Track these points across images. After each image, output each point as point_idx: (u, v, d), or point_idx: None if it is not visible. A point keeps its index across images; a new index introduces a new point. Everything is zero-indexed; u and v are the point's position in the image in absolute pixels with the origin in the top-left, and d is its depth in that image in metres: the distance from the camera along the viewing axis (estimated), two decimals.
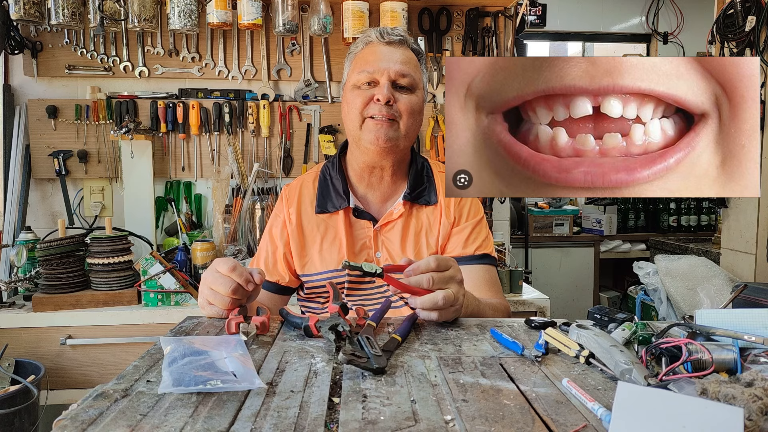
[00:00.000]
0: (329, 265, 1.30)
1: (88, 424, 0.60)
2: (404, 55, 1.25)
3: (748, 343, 0.81)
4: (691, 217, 4.38)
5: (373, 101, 1.21)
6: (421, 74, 1.28)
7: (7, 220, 2.43)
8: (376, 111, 1.20)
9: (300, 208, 1.34)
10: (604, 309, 0.96)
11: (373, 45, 1.26)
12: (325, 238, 1.31)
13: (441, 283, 0.94)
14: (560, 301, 4.06)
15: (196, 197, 2.69)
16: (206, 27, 2.54)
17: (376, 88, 1.22)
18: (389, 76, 1.21)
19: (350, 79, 1.27)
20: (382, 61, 1.22)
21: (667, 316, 2.63)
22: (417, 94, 1.25)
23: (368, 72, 1.22)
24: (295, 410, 0.64)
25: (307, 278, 1.33)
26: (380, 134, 1.20)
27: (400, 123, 1.22)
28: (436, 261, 0.94)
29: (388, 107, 1.20)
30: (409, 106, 1.22)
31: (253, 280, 1.01)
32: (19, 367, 2.00)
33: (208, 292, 1.01)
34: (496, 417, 0.62)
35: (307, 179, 1.39)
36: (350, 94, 1.25)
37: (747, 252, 2.64)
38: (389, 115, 1.20)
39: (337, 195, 1.31)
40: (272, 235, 1.35)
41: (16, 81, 2.57)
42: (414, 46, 1.29)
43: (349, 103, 1.25)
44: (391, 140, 1.21)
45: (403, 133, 1.23)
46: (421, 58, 1.30)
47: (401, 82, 1.22)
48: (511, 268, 2.41)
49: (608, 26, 4.82)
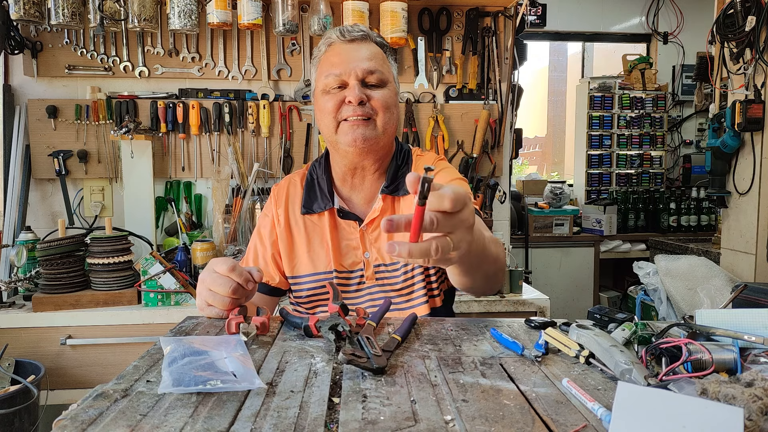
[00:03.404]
0: (318, 267, 1.27)
1: (88, 424, 0.60)
2: (369, 51, 1.21)
3: (748, 343, 0.81)
4: (691, 217, 4.38)
5: (345, 104, 1.17)
6: (390, 66, 1.24)
7: (7, 220, 2.43)
8: (350, 112, 1.16)
9: (288, 209, 1.31)
10: (604, 309, 0.96)
11: (336, 45, 1.22)
12: (312, 240, 1.28)
13: (446, 227, 0.73)
14: (560, 301, 4.06)
15: (196, 197, 2.69)
16: (206, 27, 2.54)
17: (347, 90, 1.17)
18: (357, 75, 1.17)
19: (318, 84, 1.22)
20: (348, 61, 1.18)
21: (667, 316, 2.63)
22: (389, 87, 1.21)
23: (335, 75, 1.17)
24: (295, 410, 0.64)
25: (295, 281, 1.30)
26: (357, 135, 1.16)
27: (377, 120, 1.18)
28: (452, 200, 0.69)
29: (361, 107, 1.16)
30: (383, 101, 1.18)
31: (252, 278, 1.00)
32: (19, 367, 2.00)
33: (207, 294, 1.00)
34: (496, 417, 0.62)
35: (295, 178, 1.36)
36: (321, 100, 1.20)
37: (747, 252, 2.64)
38: (364, 114, 1.16)
39: (322, 196, 1.28)
40: (261, 236, 1.33)
41: (16, 81, 2.57)
42: (377, 39, 1.25)
43: (322, 109, 1.20)
44: (369, 139, 1.17)
45: (380, 130, 1.19)
46: (386, 50, 1.26)
47: (370, 80, 1.18)
48: (511, 268, 2.41)
49: (608, 26, 4.82)
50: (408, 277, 1.25)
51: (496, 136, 2.78)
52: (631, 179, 4.65)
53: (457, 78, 2.76)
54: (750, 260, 2.62)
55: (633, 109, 4.55)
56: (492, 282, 1.08)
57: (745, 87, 2.56)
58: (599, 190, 4.64)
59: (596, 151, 4.59)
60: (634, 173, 4.64)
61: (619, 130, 4.57)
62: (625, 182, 4.65)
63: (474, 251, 0.86)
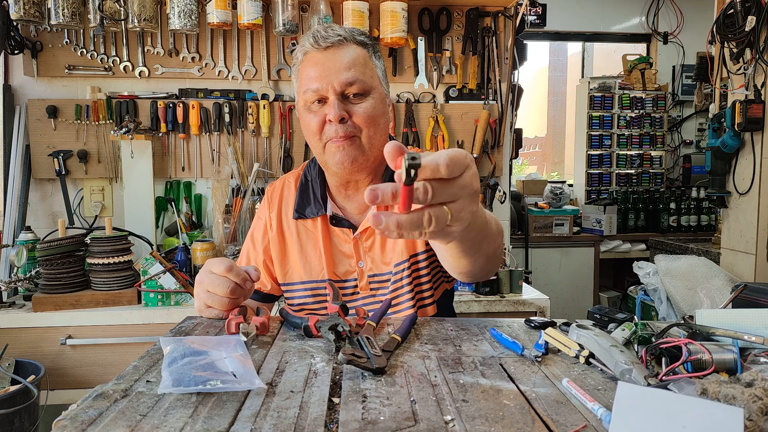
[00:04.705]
0: (311, 274, 1.22)
1: (87, 424, 0.60)
2: (348, 57, 1.11)
3: (748, 343, 0.81)
4: (691, 217, 4.38)
5: (327, 122, 1.10)
6: (374, 67, 1.15)
7: (7, 220, 2.43)
8: (332, 133, 1.09)
9: (281, 213, 1.27)
10: (604, 309, 0.96)
11: (311, 54, 1.12)
12: (305, 246, 1.23)
13: (444, 196, 0.60)
14: (560, 301, 4.06)
15: (196, 197, 2.69)
16: (206, 27, 2.54)
17: (326, 107, 1.10)
18: (335, 89, 1.09)
19: (300, 99, 1.15)
20: (325, 74, 1.09)
21: (667, 316, 2.63)
22: (373, 95, 1.12)
23: (312, 90, 1.10)
24: (295, 410, 0.64)
25: (287, 288, 1.26)
26: (344, 157, 1.10)
27: (362, 137, 1.11)
28: (447, 164, 0.57)
29: (343, 125, 1.09)
30: (366, 115, 1.10)
31: (250, 278, 0.99)
32: (19, 367, 2.00)
33: (206, 296, 0.99)
34: (496, 417, 0.62)
35: (289, 179, 1.31)
36: (306, 118, 1.14)
37: (747, 252, 2.64)
38: (347, 134, 1.09)
39: (315, 201, 1.22)
40: (254, 240, 1.30)
41: (16, 81, 2.57)
42: (359, 38, 1.14)
43: (307, 127, 1.14)
44: (356, 159, 1.11)
45: (367, 147, 1.12)
46: (368, 48, 1.15)
47: (350, 92, 1.10)
48: (511, 268, 2.41)
49: (608, 26, 4.82)
50: (397, 287, 1.20)
51: (496, 136, 2.78)
52: (631, 179, 4.65)
53: (457, 78, 2.76)
54: (750, 260, 2.62)
55: (633, 109, 4.55)
56: (492, 263, 0.96)
57: (745, 87, 2.56)
58: (599, 190, 4.64)
59: (596, 151, 4.59)
60: (634, 173, 4.64)
61: (619, 130, 4.57)
62: (625, 182, 4.65)
63: (477, 225, 0.76)
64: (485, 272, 0.97)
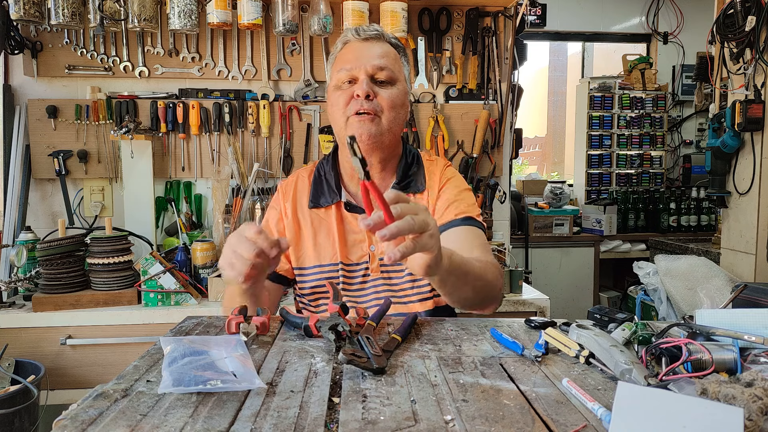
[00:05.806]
0: (323, 259, 1.29)
1: (88, 424, 0.60)
2: (382, 49, 1.25)
3: (748, 343, 0.81)
4: (691, 217, 4.38)
5: (354, 98, 1.21)
6: (402, 66, 1.29)
7: (7, 220, 2.43)
8: (358, 106, 1.20)
9: (296, 203, 1.35)
10: (604, 309, 0.96)
11: (351, 44, 1.27)
12: (318, 233, 1.31)
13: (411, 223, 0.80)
14: (560, 301, 4.06)
15: (196, 197, 2.69)
16: (206, 27, 2.54)
17: (356, 85, 1.22)
18: (367, 71, 1.21)
19: (332, 81, 1.27)
20: (360, 57, 1.23)
21: (667, 316, 2.63)
22: (398, 87, 1.25)
23: (346, 70, 1.23)
24: (295, 410, 0.64)
25: (300, 272, 1.32)
26: (363, 131, 1.20)
27: (383, 117, 1.22)
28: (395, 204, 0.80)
29: (368, 101, 1.20)
30: (390, 99, 1.22)
31: (279, 245, 0.98)
32: (19, 367, 2.00)
33: (231, 254, 0.98)
34: (496, 417, 0.62)
35: (302, 174, 1.39)
36: (333, 95, 1.25)
37: (747, 252, 2.64)
38: (371, 110, 1.20)
39: (329, 190, 1.32)
40: (269, 226, 1.36)
41: (16, 81, 2.57)
42: (392, 40, 1.30)
43: (333, 105, 1.26)
44: (374, 136, 1.21)
45: (386, 127, 1.22)
46: (400, 50, 1.30)
47: (380, 77, 1.22)
48: (511, 268, 2.41)
49: (608, 26, 4.82)
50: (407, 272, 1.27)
51: (496, 136, 2.78)
52: (631, 179, 4.65)
53: (457, 78, 2.76)
54: (750, 260, 2.62)
55: (633, 109, 4.55)
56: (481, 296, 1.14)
57: (745, 87, 2.56)
58: (599, 190, 4.64)
59: (596, 151, 4.59)
60: (634, 173, 4.64)
61: (619, 130, 4.57)
62: (625, 182, 4.65)
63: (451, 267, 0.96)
64: (477, 301, 1.14)
